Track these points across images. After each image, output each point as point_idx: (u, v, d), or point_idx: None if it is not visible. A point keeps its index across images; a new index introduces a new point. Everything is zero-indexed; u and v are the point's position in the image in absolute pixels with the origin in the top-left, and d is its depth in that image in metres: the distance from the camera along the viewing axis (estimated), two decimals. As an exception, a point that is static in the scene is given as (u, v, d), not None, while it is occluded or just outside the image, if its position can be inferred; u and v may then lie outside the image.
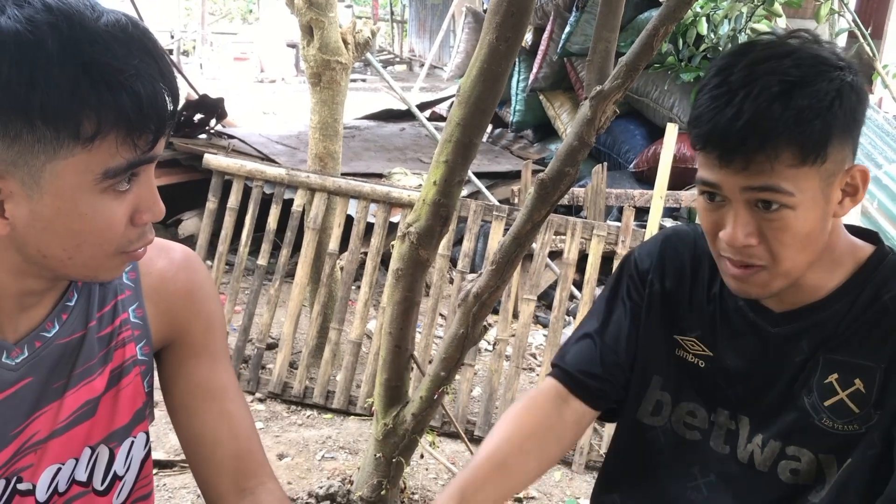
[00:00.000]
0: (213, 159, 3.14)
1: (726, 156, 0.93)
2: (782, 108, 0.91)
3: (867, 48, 3.56)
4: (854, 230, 1.08)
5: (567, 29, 4.91)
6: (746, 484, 1.09)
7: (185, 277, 0.99)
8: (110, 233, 0.78)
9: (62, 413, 0.88)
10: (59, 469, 0.89)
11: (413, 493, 2.37)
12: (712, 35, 3.86)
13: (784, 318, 1.06)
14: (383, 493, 2.20)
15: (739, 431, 1.10)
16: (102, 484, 0.93)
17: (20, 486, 0.86)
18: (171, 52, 8.32)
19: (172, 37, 14.99)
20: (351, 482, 2.31)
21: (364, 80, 13.92)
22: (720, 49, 3.90)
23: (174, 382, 1.00)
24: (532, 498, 2.49)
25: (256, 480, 1.00)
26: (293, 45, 16.55)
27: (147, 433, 0.98)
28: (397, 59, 17.56)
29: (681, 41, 4.13)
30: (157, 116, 0.74)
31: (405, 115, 6.05)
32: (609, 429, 2.73)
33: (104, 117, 0.71)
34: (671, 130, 3.13)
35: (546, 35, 5.11)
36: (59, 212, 0.75)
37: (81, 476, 0.91)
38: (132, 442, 0.95)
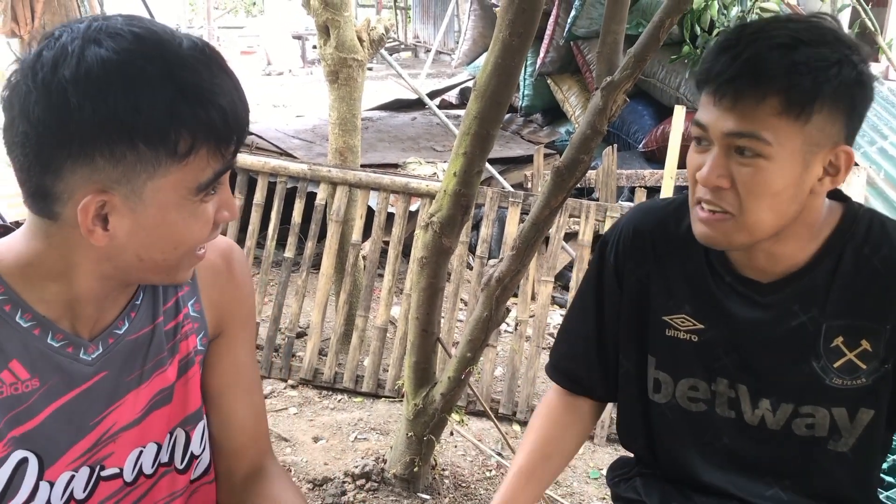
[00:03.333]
0: (238, 158, 3.24)
1: (718, 92, 1.00)
2: (780, 56, 0.97)
3: (869, 23, 3.62)
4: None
5: (572, 13, 4.97)
6: (761, 441, 1.16)
7: (231, 270, 1.07)
8: (204, 233, 0.87)
9: (139, 403, 0.96)
10: (142, 451, 0.98)
11: (443, 470, 2.48)
12: (723, 17, 3.93)
13: (771, 288, 1.12)
14: (416, 469, 2.31)
15: (740, 398, 1.16)
16: (182, 463, 1.03)
17: (104, 473, 0.95)
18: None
19: (179, 33, 15.02)
20: (384, 461, 2.41)
21: (371, 69, 13.98)
22: (731, 31, 3.98)
23: (215, 367, 1.07)
24: (557, 470, 2.60)
25: (264, 457, 1.13)
26: (299, 37, 16.62)
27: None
28: (402, 46, 17.57)
29: (697, 27, 4.19)
30: (238, 127, 0.83)
31: (415, 104, 6.13)
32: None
33: (198, 133, 0.80)
34: (679, 112, 3.21)
35: (552, 20, 5.17)
36: (163, 221, 0.83)
37: (164, 458, 1.01)
38: (203, 424, 1.05)
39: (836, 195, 1.12)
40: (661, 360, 1.22)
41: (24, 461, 0.87)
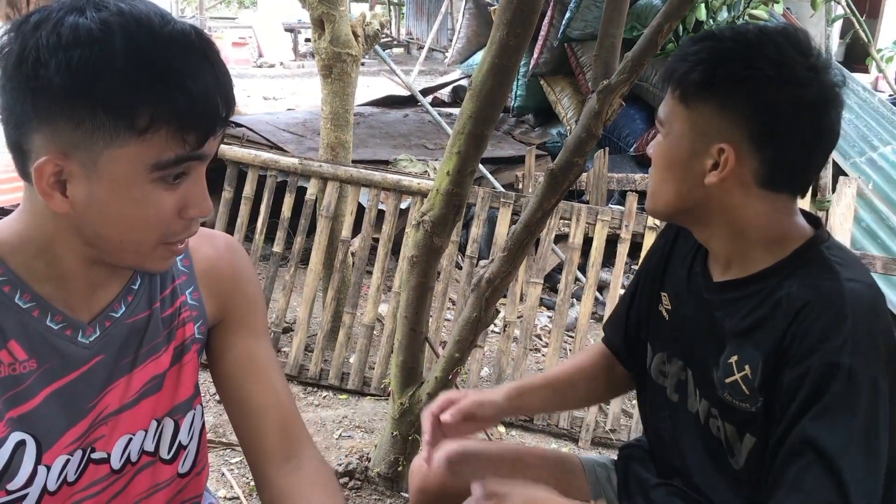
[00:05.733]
0: (228, 150, 3.22)
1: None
2: (683, 49, 1.10)
3: (862, 34, 3.64)
4: (804, 214, 1.14)
5: (567, 14, 4.96)
6: (693, 432, 1.21)
7: (228, 262, 1.08)
8: (158, 221, 0.85)
9: (131, 388, 0.97)
10: (131, 439, 0.98)
11: (427, 469, 2.47)
12: (711, 21, 3.93)
13: (717, 288, 1.16)
14: (400, 469, 2.30)
15: (687, 382, 1.22)
16: (169, 453, 1.03)
17: (94, 456, 0.95)
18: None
19: (170, 22, 14.91)
20: (368, 459, 2.40)
21: (363, 64, 13.90)
22: (719, 35, 3.97)
23: (222, 356, 1.09)
24: (541, 472, 2.60)
25: (299, 446, 1.10)
26: (291, 30, 16.55)
27: (202, 405, 1.07)
28: (395, 43, 17.53)
29: (680, 27, 4.19)
30: (207, 117, 0.81)
31: (407, 101, 6.11)
32: (614, 406, 2.84)
33: (158, 112, 0.78)
34: (672, 117, 3.21)
35: (546, 20, 5.16)
36: (113, 195, 0.82)
37: (149, 446, 1.00)
38: (193, 413, 1.04)
39: (813, 220, 1.14)
40: (650, 331, 1.32)
41: (21, 444, 0.87)
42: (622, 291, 3.59)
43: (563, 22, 4.99)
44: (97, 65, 0.76)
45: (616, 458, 1.45)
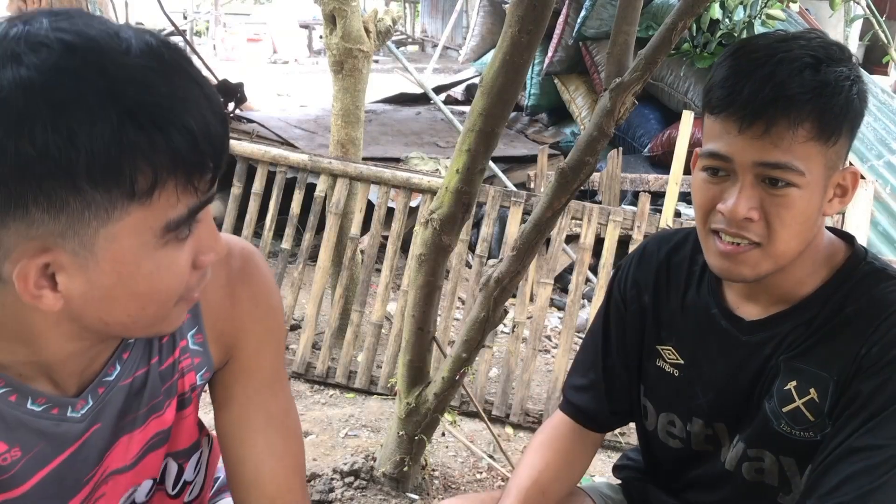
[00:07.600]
0: (237, 146, 3.21)
1: (748, 120, 0.91)
2: (811, 77, 0.91)
3: (882, 35, 3.58)
4: (831, 231, 1.08)
5: (582, 13, 4.93)
6: (722, 482, 1.13)
7: (240, 290, 0.93)
8: (176, 285, 0.72)
9: (133, 447, 0.87)
10: (136, 489, 0.91)
11: (434, 470, 2.45)
12: (727, 21, 3.88)
13: (755, 327, 1.06)
14: (405, 469, 2.28)
15: (718, 436, 1.12)
16: (174, 489, 0.96)
17: None
18: (184, 32, 8.33)
19: (185, 17, 15.02)
20: (374, 459, 2.38)
21: (377, 62, 13.92)
22: (735, 35, 3.92)
23: (222, 405, 0.95)
24: (548, 475, 2.57)
25: None
26: (306, 26, 16.59)
27: (209, 436, 0.99)
28: (409, 40, 17.52)
29: (695, 27, 4.15)
30: (213, 149, 0.67)
31: (420, 99, 6.09)
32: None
33: (159, 164, 0.63)
34: (687, 117, 3.17)
35: (561, 19, 5.13)
36: (120, 277, 0.68)
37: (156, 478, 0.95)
38: (200, 452, 0.97)
39: (839, 232, 1.08)
40: (647, 389, 1.20)
41: None
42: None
43: (578, 20, 4.95)
44: (68, 130, 0.60)
45: (618, 480, 1.36)
